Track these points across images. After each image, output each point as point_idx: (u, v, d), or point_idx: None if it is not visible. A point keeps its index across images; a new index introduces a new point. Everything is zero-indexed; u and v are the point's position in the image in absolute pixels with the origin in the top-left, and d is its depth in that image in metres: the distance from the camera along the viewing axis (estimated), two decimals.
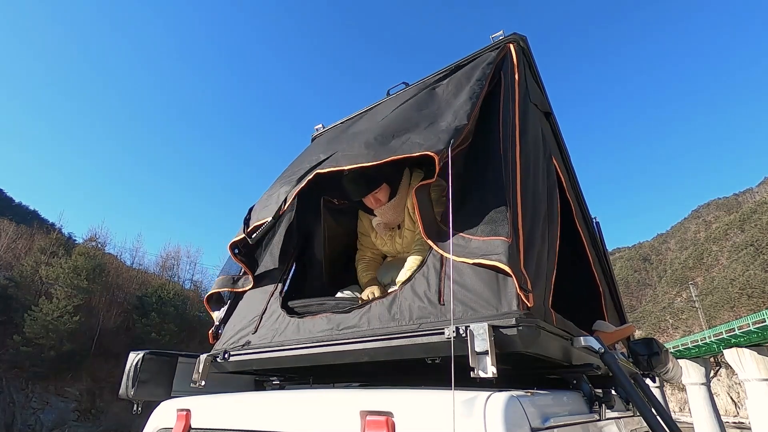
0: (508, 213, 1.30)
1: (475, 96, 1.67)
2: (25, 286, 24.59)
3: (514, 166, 1.45)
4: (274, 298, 1.86)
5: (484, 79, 1.76)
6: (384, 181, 1.91)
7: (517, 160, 1.47)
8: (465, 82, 1.82)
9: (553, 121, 2.30)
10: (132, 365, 1.84)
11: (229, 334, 1.86)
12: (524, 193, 1.40)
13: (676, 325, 71.29)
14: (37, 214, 46.12)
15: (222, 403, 1.46)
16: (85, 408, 22.74)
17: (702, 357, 34.75)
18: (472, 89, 1.72)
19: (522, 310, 1.12)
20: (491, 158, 1.51)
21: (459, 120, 1.54)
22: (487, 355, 1.00)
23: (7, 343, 21.24)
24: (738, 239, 74.98)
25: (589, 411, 1.26)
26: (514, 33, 1.96)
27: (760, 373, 26.15)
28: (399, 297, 1.38)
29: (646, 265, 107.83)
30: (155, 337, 25.07)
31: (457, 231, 1.33)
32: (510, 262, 1.16)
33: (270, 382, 2.06)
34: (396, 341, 1.25)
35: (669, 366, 2.20)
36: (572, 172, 2.50)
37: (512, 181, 1.40)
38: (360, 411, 1.00)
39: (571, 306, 1.87)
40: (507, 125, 1.58)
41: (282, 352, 1.54)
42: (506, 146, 1.51)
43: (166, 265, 38.85)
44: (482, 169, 1.52)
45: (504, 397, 0.93)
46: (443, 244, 1.33)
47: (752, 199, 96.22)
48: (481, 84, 1.73)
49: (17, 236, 28.97)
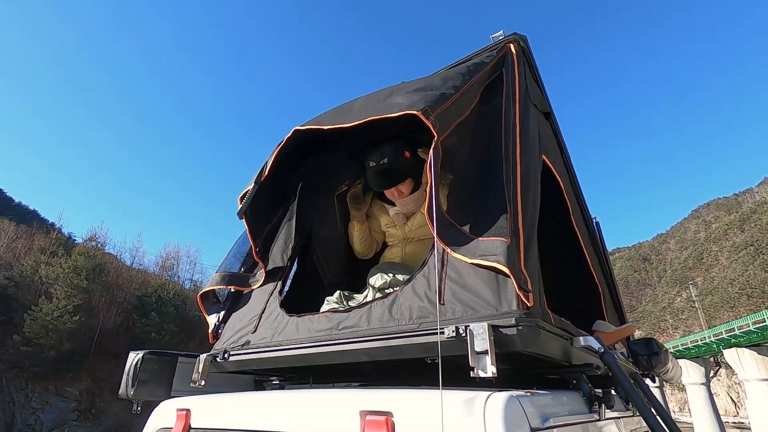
0: (509, 213, 1.30)
1: (468, 74, 1.66)
2: (24, 286, 24.58)
3: (515, 167, 1.45)
4: (274, 297, 1.86)
5: (483, 65, 1.76)
6: (409, 176, 1.94)
7: (517, 160, 1.47)
8: (460, 67, 1.83)
9: (553, 121, 2.30)
10: (132, 365, 1.84)
11: (229, 334, 1.86)
12: (524, 193, 1.40)
13: (676, 325, 71.31)
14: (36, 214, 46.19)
15: (222, 403, 1.46)
16: (85, 408, 22.74)
17: (702, 357, 34.76)
18: (467, 68, 1.72)
19: (522, 310, 1.13)
20: (492, 158, 1.51)
21: (446, 89, 1.52)
22: (487, 354, 1.00)
23: (7, 343, 21.24)
24: (738, 239, 75.01)
25: (588, 411, 1.26)
26: (515, 33, 1.96)
27: (760, 373, 26.16)
28: (399, 297, 1.38)
29: (646, 265, 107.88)
30: (155, 337, 25.06)
31: (459, 225, 1.34)
32: (509, 262, 1.16)
33: (270, 382, 2.06)
34: (395, 341, 1.25)
35: (669, 366, 2.20)
36: (572, 172, 2.50)
37: (513, 181, 1.40)
38: (360, 411, 1.00)
39: (570, 306, 1.87)
40: (508, 125, 1.58)
41: (281, 351, 1.54)
42: (507, 146, 1.51)
43: (165, 265, 38.88)
44: (483, 168, 1.52)
45: (504, 397, 0.92)
46: (448, 240, 1.32)
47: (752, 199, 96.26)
48: (479, 68, 1.73)
49: (17, 236, 28.97)
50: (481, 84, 1.73)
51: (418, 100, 1.40)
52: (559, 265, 2.26)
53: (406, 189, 2.00)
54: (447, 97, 1.47)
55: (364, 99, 1.73)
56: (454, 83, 1.58)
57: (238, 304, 2.02)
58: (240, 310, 1.97)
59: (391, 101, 1.53)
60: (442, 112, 1.40)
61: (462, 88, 1.57)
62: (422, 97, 1.43)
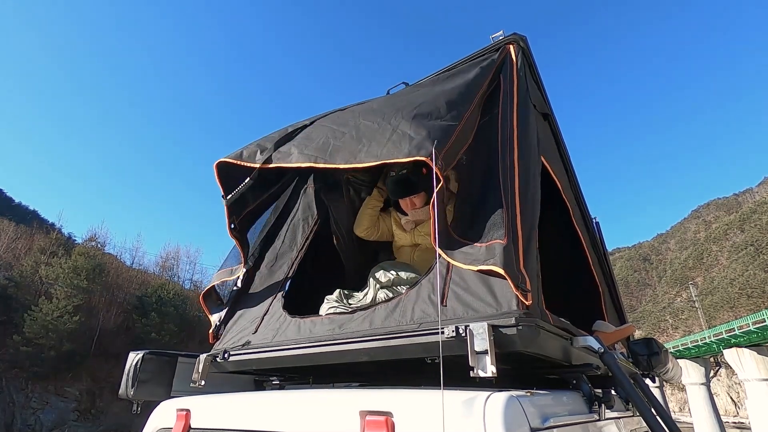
0: (507, 215, 1.31)
1: (469, 93, 1.67)
2: (25, 286, 24.58)
3: (513, 169, 1.45)
4: (276, 299, 1.87)
5: (483, 77, 1.76)
6: (423, 189, 2.03)
7: (515, 162, 1.48)
8: (461, 78, 1.82)
9: (553, 122, 2.30)
10: (132, 365, 1.84)
11: (230, 334, 1.86)
12: (523, 194, 1.40)
13: (676, 325, 71.32)
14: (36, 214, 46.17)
15: (222, 403, 1.46)
16: (85, 408, 22.74)
17: (702, 357, 34.74)
18: (468, 86, 1.72)
19: (521, 310, 1.13)
20: (493, 163, 1.52)
21: (450, 118, 1.53)
22: (487, 354, 1.01)
23: (7, 343, 21.24)
24: (738, 239, 75.02)
25: (588, 411, 1.27)
26: (514, 33, 1.96)
27: (760, 373, 26.15)
28: (404, 300, 1.40)
29: (646, 265, 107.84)
30: (155, 337, 25.07)
31: (463, 238, 1.35)
32: (505, 264, 1.17)
33: (270, 382, 2.06)
34: (396, 341, 1.25)
35: (669, 366, 2.20)
36: (572, 172, 2.50)
37: (511, 183, 1.41)
38: (360, 411, 1.00)
39: (570, 306, 1.87)
40: (506, 127, 1.59)
41: (282, 351, 1.54)
42: (504, 148, 1.52)
43: (165, 265, 38.90)
44: (485, 175, 1.53)
45: (503, 397, 0.93)
46: (451, 252, 1.33)
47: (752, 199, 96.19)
48: (479, 82, 1.74)
49: (17, 236, 28.96)
50: (482, 101, 1.74)
51: (425, 137, 1.40)
52: (559, 266, 2.26)
53: (419, 202, 2.11)
54: (452, 129, 1.48)
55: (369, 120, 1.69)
56: (458, 109, 1.59)
57: (240, 304, 2.02)
58: (241, 310, 1.97)
59: (400, 130, 1.51)
60: (449, 149, 1.41)
61: (465, 114, 1.58)
62: (429, 130, 1.43)
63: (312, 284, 2.27)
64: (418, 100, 1.70)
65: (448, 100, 1.63)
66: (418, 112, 1.57)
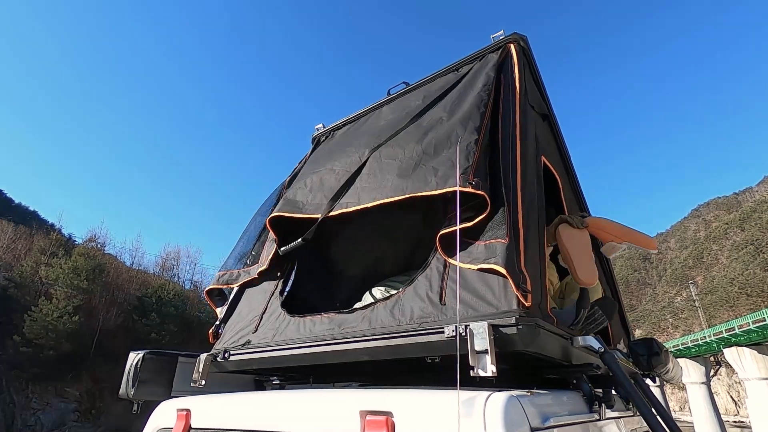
0: (508, 214, 1.31)
1: (483, 105, 1.68)
2: (24, 287, 24.57)
3: (515, 168, 1.46)
4: (275, 297, 1.86)
5: (490, 84, 1.77)
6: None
7: (517, 161, 1.48)
8: (470, 90, 1.83)
9: (553, 122, 2.30)
10: (132, 365, 1.84)
11: (230, 334, 1.86)
12: (524, 194, 1.40)
13: (676, 324, 71.33)
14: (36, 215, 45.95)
15: (222, 403, 1.46)
16: (86, 408, 22.74)
17: (702, 356, 34.77)
18: (479, 97, 1.72)
19: (521, 309, 1.13)
20: (493, 161, 1.52)
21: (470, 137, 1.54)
22: (487, 354, 1.01)
23: (7, 344, 21.23)
24: (738, 238, 75.03)
25: (588, 411, 1.27)
26: (515, 33, 1.96)
27: (760, 372, 26.17)
28: (402, 299, 1.40)
29: (646, 264, 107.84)
30: (155, 338, 25.04)
31: (465, 237, 1.35)
32: (506, 263, 1.17)
33: (270, 382, 2.06)
34: (396, 340, 1.25)
35: (669, 366, 2.20)
36: (572, 172, 2.50)
37: (512, 182, 1.41)
38: (360, 411, 1.00)
39: None
40: (507, 127, 1.59)
41: (282, 351, 1.54)
42: (506, 148, 1.52)
43: (165, 266, 38.81)
44: (489, 175, 1.52)
45: (504, 396, 0.93)
46: (451, 251, 1.33)
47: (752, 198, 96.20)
48: (488, 90, 1.74)
49: (17, 237, 28.93)
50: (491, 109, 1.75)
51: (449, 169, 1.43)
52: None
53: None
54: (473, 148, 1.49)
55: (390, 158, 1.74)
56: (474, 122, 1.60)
57: (239, 303, 2.02)
58: (241, 309, 1.97)
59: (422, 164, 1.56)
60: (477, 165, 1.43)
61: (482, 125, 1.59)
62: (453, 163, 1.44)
63: (312, 284, 2.27)
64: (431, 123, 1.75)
65: (462, 117, 1.65)
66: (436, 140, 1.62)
